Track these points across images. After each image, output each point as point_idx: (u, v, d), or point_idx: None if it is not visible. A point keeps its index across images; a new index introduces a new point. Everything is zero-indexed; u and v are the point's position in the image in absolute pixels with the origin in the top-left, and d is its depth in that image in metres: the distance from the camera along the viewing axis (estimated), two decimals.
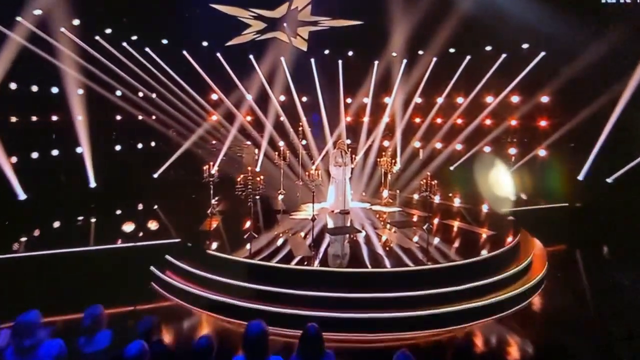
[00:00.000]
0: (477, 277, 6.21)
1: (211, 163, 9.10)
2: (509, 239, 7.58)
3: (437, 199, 9.72)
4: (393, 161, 10.54)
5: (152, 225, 8.34)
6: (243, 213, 8.42)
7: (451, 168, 13.03)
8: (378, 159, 10.68)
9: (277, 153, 11.30)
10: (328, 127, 13.56)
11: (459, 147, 13.29)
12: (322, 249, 6.96)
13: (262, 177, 7.66)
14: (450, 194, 10.93)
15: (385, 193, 10.06)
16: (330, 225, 8.63)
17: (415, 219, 8.86)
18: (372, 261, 6.30)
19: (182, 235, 7.63)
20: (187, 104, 12.70)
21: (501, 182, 10.96)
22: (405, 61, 13.98)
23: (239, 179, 7.54)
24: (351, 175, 9.95)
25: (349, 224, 8.47)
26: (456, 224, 8.67)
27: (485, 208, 10.35)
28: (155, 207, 10.11)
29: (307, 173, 8.78)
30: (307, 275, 6.18)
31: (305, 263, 6.31)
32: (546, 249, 8.15)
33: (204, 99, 13.14)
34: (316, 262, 6.38)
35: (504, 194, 10.34)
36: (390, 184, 10.24)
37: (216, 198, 7.97)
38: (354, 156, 10.81)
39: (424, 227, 7.94)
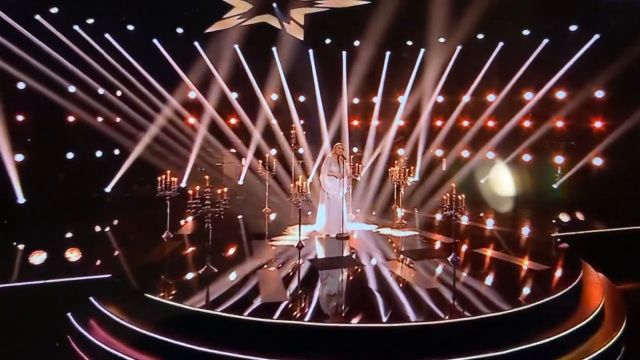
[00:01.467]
0: (522, 335, 4.75)
1: (168, 172, 7.69)
2: (566, 276, 6.18)
3: (464, 220, 9.03)
4: (407, 170, 9.23)
5: (79, 254, 6.86)
6: (212, 238, 7.27)
7: (482, 181, 12.03)
8: (389, 169, 9.43)
9: (261, 162, 10.33)
10: (327, 132, 12.81)
11: (490, 155, 12.39)
12: (310, 292, 5.63)
13: (224, 189, 6.16)
14: (482, 214, 10.11)
15: (399, 212, 9.03)
16: (322, 254, 7.41)
17: (437, 246, 7.80)
18: (379, 310, 5.07)
19: (115, 269, 6.15)
20: (156, 104, 12.05)
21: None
22: (423, 51, 13.25)
23: (191, 192, 6.04)
24: (351, 188, 8.93)
25: (348, 253, 7.34)
26: (491, 254, 7.31)
27: (526, 231, 9.05)
28: (98, 228, 9.02)
29: (293, 184, 7.44)
30: (280, 332, 4.74)
31: (279, 315, 4.82)
32: (617, 287, 6.67)
33: (179, 98, 12.40)
34: (297, 312, 5.00)
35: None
36: (404, 200, 9.22)
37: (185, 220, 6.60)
38: (359, 165, 9.62)
39: (449, 259, 6.62)
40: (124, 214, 10.01)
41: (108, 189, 11.42)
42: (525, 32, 12.44)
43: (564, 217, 8.67)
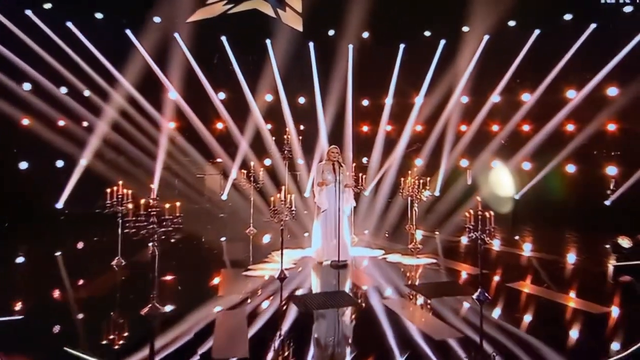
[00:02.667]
0: None
1: (120, 183, 6.76)
2: (637, 323, 5.01)
3: (495, 245, 8.44)
4: (422, 183, 8.43)
5: None
6: (178, 265, 7.06)
7: (516, 197, 11.38)
8: (401, 179, 8.69)
9: (245, 172, 9.72)
10: (326, 139, 12.33)
11: (527, 166, 11.95)
12: (285, 344, 4.56)
13: (177, 203, 5.29)
14: (517, 237, 9.38)
15: (418, 235, 8.49)
16: (314, 288, 6.51)
17: (461, 278, 6.88)
18: None
19: (31, 309, 5.33)
20: (131, 105, 11.67)
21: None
22: (443, 43, 12.69)
23: (131, 206, 5.20)
24: (353, 204, 8.09)
25: (345, 287, 6.35)
26: (530, 289, 6.28)
27: (575, 260, 8.06)
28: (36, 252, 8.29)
29: (274, 198, 6.60)
30: None
31: None
32: None
33: (156, 98, 12.00)
34: None
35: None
36: (418, 219, 8.69)
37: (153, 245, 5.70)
38: (363, 176, 8.92)
39: (475, 297, 5.60)
40: (79, 234, 9.32)
41: (60, 205, 10.87)
42: (567, 17, 11.71)
43: (625, 242, 7.50)
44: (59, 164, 11.42)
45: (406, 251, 8.17)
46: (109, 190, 6.84)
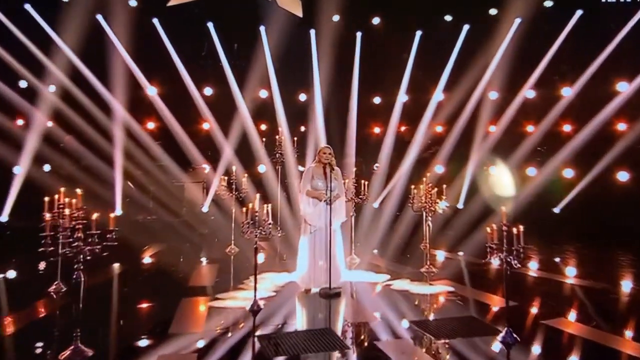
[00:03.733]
0: None
1: (62, 190, 6.10)
2: None
3: (530, 269, 8.02)
4: (437, 191, 7.97)
5: None
6: (130, 292, 6.86)
7: (555, 210, 10.88)
8: (412, 187, 8.20)
9: (226, 179, 9.24)
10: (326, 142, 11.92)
11: (569, 173, 11.47)
12: None
13: (111, 214, 4.76)
14: (557, 258, 8.88)
15: (439, 256, 8.45)
16: (294, 324, 5.79)
17: (484, 312, 6.18)
18: None
19: None
20: (99, 101, 11.44)
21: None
22: (466, 29, 12.48)
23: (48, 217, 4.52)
24: (353, 215, 7.98)
25: (339, 324, 5.69)
26: (572, 329, 5.51)
27: (629, 288, 7.30)
28: None
29: (246, 209, 5.96)
30: None
31: None
32: None
33: (133, 94, 11.75)
34: None
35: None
36: (432, 236, 8.18)
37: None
38: (366, 183, 8.56)
39: (501, 338, 4.86)
40: (23, 252, 8.74)
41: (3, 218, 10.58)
42: None
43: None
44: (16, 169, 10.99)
45: (417, 276, 7.63)
46: (47, 199, 6.11)
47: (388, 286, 7.20)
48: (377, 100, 13.42)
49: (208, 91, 12.48)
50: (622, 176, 11.21)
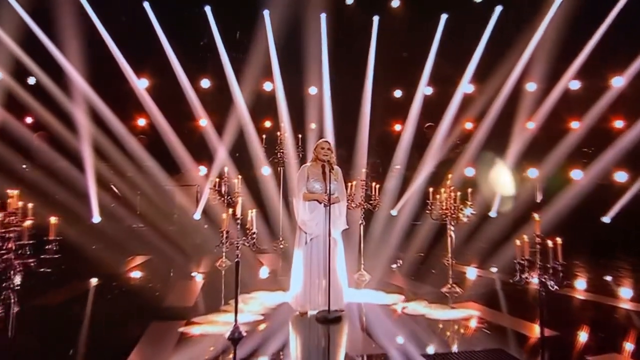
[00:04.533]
0: None
1: (14, 193, 5.60)
2: None
3: (576, 290, 7.62)
4: (459, 195, 7.53)
5: None
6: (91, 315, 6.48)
7: (605, 219, 10.72)
8: (431, 190, 7.83)
9: (217, 181, 9.13)
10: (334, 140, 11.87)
11: (622, 177, 11.14)
12: None
13: (53, 221, 4.50)
14: (608, 278, 8.60)
15: (470, 273, 8.52)
16: (284, 356, 5.34)
17: (515, 343, 5.78)
18: None
19: None
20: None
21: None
22: (499, 10, 12.23)
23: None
24: (362, 224, 7.90)
25: (340, 357, 5.29)
26: None
27: None
28: None
29: (226, 215, 5.61)
30: None
31: None
32: None
33: (113, 89, 11.77)
34: None
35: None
36: (455, 249, 7.74)
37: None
38: (377, 186, 8.25)
39: None
40: None
41: None
42: None
43: None
44: None
45: (437, 297, 7.22)
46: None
47: (401, 309, 6.81)
48: (396, 93, 13.35)
49: (205, 83, 12.47)
50: None
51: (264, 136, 11.01)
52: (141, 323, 5.91)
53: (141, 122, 12.12)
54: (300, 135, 10.50)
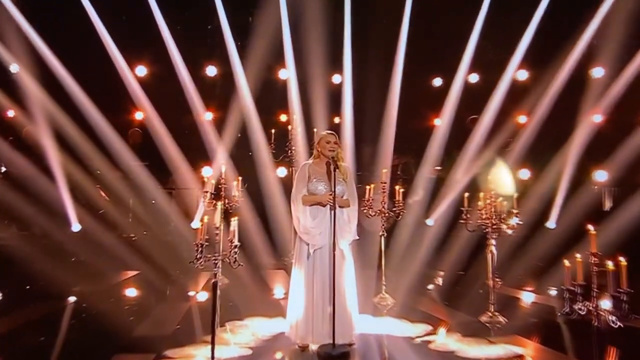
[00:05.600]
0: None
1: None
2: None
3: None
4: (501, 201, 7.22)
5: None
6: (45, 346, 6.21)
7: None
8: (466, 195, 7.55)
9: (205, 180, 9.17)
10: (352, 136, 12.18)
11: None
12: None
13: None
14: None
15: (527, 297, 8.43)
16: None
17: None
18: None
19: None
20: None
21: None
22: None
23: None
24: (382, 234, 7.83)
25: None
26: None
27: None
28: None
29: (200, 225, 5.25)
30: None
31: None
32: None
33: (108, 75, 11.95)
34: None
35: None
36: (497, 266, 7.38)
37: None
38: (400, 190, 7.88)
39: None
40: None
41: None
42: None
43: None
44: None
45: (473, 329, 6.77)
46: None
47: (427, 343, 6.39)
48: (435, 81, 13.43)
49: (211, 71, 12.62)
50: None
51: (272, 131, 10.91)
52: (101, 357, 5.69)
53: (137, 116, 12.32)
54: (315, 130, 10.24)
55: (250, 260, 9.66)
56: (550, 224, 11.30)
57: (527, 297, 8.48)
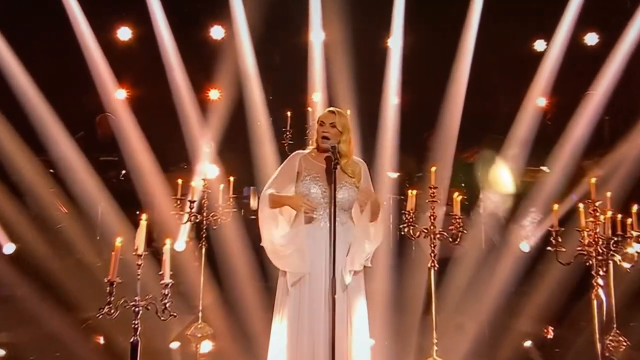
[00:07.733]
0: None
1: None
2: None
3: None
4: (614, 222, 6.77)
5: None
6: None
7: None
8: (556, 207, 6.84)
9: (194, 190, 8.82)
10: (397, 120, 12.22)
11: None
12: None
13: None
14: None
15: None
16: None
17: None
18: None
19: None
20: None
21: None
22: None
23: None
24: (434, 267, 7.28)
25: None
26: None
27: None
28: None
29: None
30: None
31: None
32: None
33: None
34: None
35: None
36: (609, 318, 7.07)
37: None
38: (459, 198, 7.22)
39: None
40: None
41: None
42: None
43: None
44: None
45: None
46: None
47: None
48: (537, 45, 12.63)
49: (218, 32, 12.51)
50: None
51: (288, 113, 10.39)
52: None
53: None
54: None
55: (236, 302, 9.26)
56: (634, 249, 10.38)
57: None
